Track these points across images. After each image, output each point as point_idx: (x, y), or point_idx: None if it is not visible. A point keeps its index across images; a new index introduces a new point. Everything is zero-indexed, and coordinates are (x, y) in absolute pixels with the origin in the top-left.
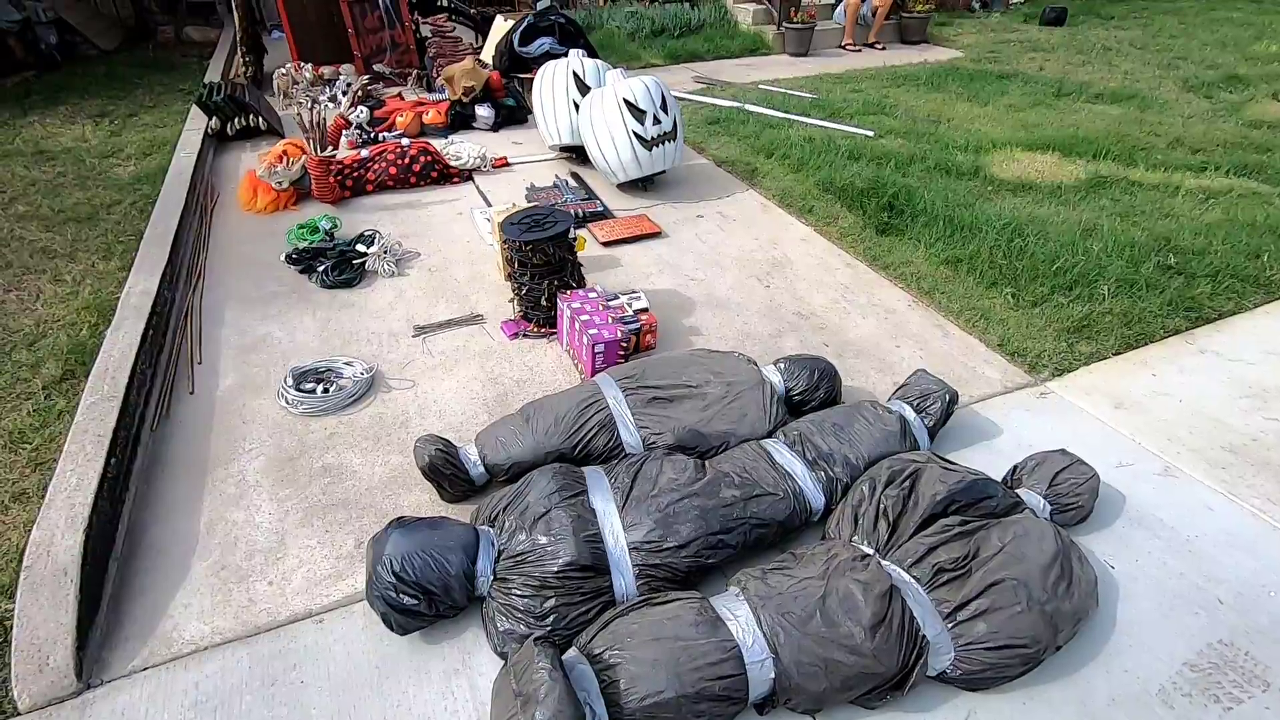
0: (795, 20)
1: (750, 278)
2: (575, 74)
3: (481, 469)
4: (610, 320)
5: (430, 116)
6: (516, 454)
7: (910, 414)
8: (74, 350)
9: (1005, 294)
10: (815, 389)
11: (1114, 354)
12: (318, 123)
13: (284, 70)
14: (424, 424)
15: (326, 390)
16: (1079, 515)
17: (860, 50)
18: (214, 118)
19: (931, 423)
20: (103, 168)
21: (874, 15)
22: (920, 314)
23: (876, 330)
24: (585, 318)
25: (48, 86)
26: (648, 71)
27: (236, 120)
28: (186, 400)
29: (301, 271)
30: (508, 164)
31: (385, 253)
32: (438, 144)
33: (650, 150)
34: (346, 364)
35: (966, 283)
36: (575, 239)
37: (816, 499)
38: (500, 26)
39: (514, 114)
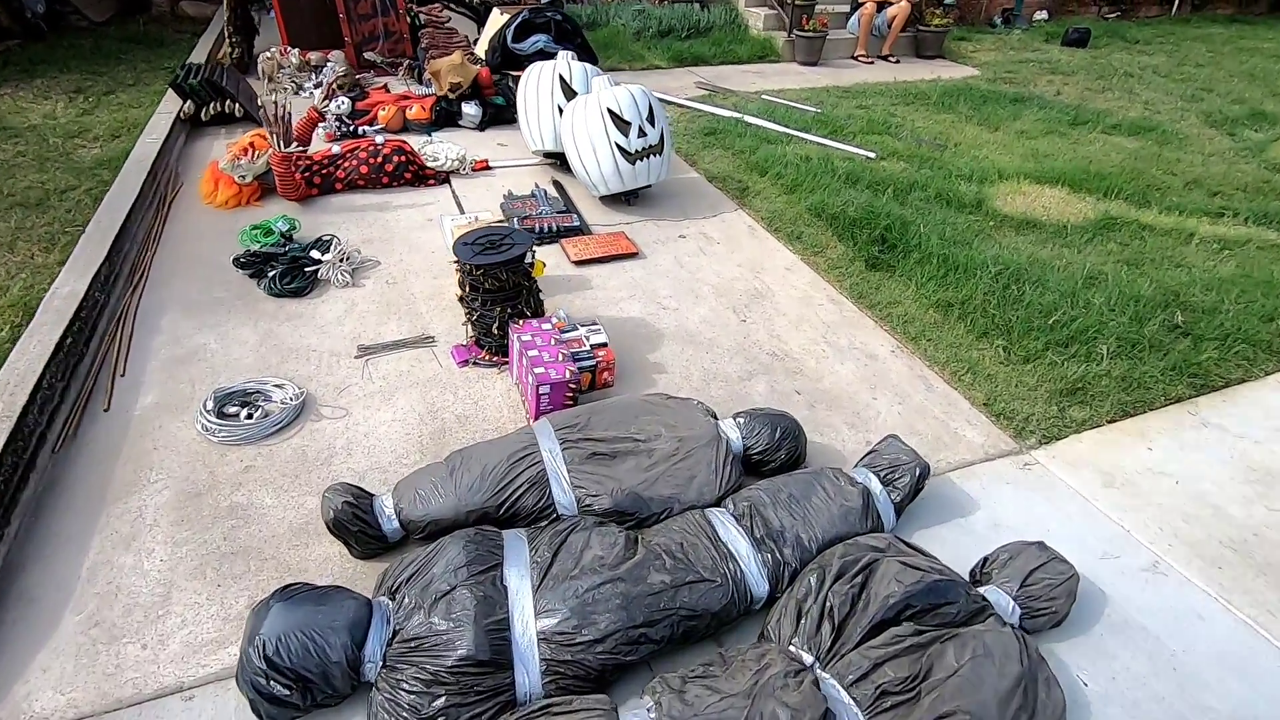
0: (806, 28)
1: (727, 309)
2: (561, 77)
3: (396, 524)
4: (561, 357)
5: (414, 112)
6: (435, 511)
7: (876, 486)
8: None
9: (996, 346)
10: (776, 449)
11: (1109, 421)
12: (282, 116)
13: (269, 54)
14: (349, 462)
15: (250, 416)
16: (1052, 620)
17: (873, 62)
18: (188, 101)
19: (899, 498)
20: (66, 149)
21: (889, 27)
22: (904, 362)
23: (855, 377)
24: (534, 353)
25: (28, 58)
26: (650, 74)
27: (212, 105)
28: (99, 419)
29: (251, 276)
30: (488, 167)
31: (341, 261)
32: (417, 142)
33: (634, 164)
34: (277, 386)
35: (956, 330)
36: (532, 264)
37: (759, 585)
38: (496, 20)
39: (502, 113)
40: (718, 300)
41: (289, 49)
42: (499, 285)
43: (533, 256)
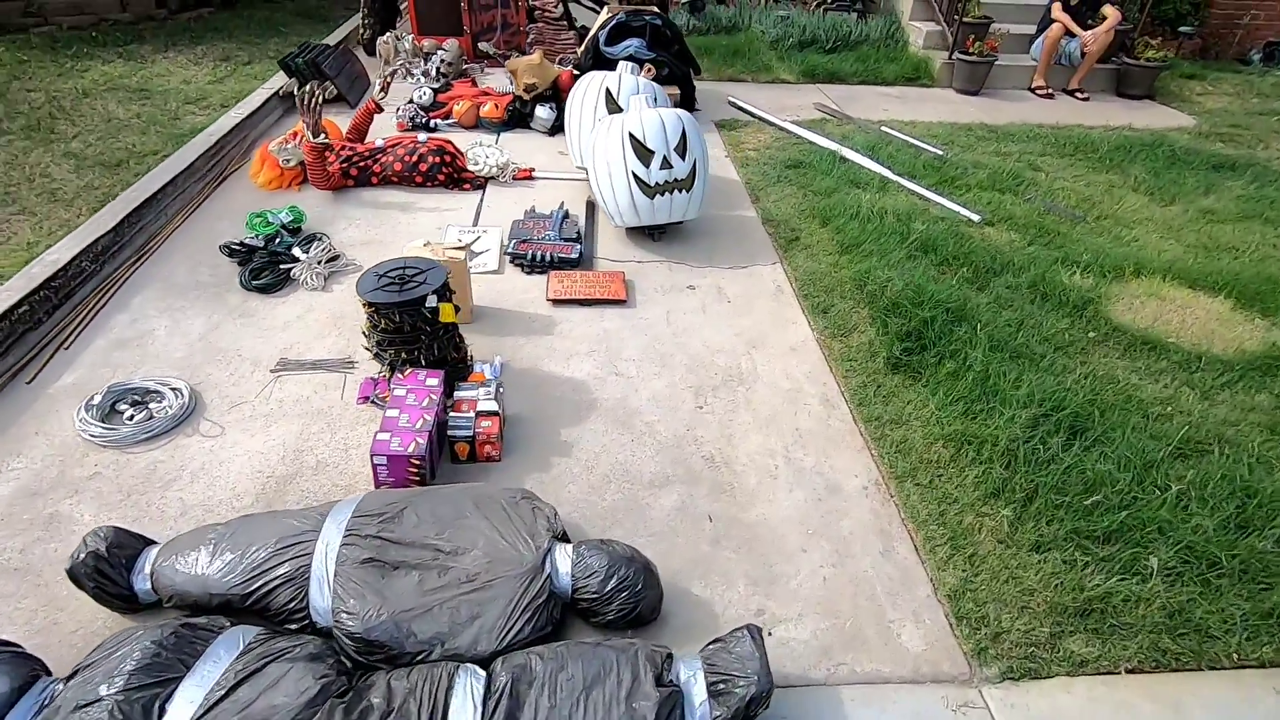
0: (971, 50)
1: (689, 389)
2: (609, 90)
3: (149, 586)
4: (421, 423)
5: (488, 109)
6: (182, 584)
7: (698, 693)
8: None
9: (1003, 513)
10: (608, 601)
11: (1128, 670)
12: (312, 106)
13: (386, 38)
14: (187, 491)
15: (132, 417)
16: None
17: (1052, 96)
18: (293, 78)
19: (721, 717)
20: (180, 114)
21: (1081, 55)
22: (872, 505)
23: (796, 514)
24: (394, 413)
25: (210, 25)
26: (772, 88)
27: (313, 85)
28: (19, 391)
29: (240, 265)
30: (531, 177)
31: (320, 262)
32: (469, 141)
33: (652, 199)
34: (174, 390)
35: (962, 477)
36: (436, 310)
37: None
38: (602, 19)
39: None
40: (686, 375)
41: (401, 34)
42: (394, 327)
43: (438, 301)
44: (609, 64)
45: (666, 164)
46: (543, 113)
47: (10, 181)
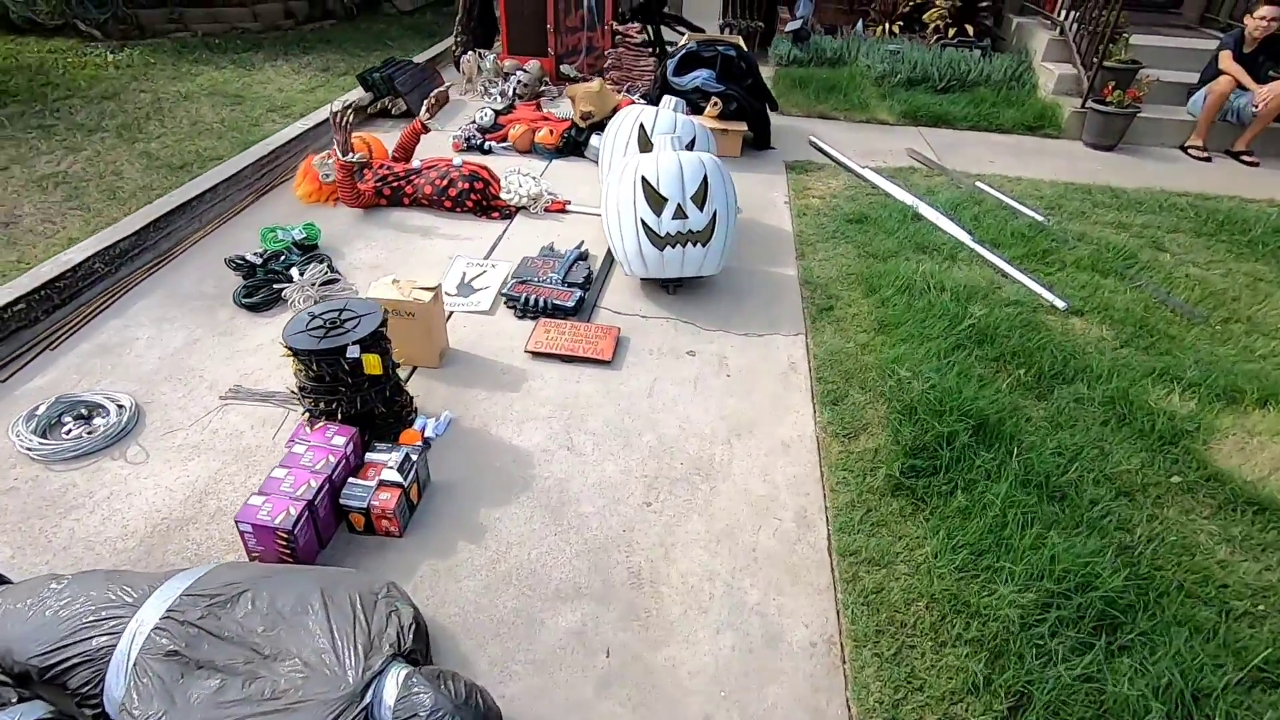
0: (1109, 99)
1: (642, 478)
2: (642, 126)
3: None
4: (304, 490)
5: (543, 134)
6: None
7: None
8: None
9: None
10: None
11: None
12: (343, 124)
13: (470, 56)
14: (86, 521)
15: (70, 432)
16: None
17: (1209, 159)
18: (370, 92)
19: None
20: (260, 121)
21: (1254, 113)
22: (814, 671)
23: (715, 665)
24: (281, 473)
25: (324, 37)
26: (867, 128)
27: (385, 101)
28: None
29: (244, 279)
30: (564, 210)
31: (312, 286)
32: (513, 166)
33: (661, 250)
34: (120, 406)
35: (939, 657)
36: (357, 361)
37: None
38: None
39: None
40: (646, 460)
41: (484, 53)
42: (315, 375)
43: (360, 352)
44: (676, 95)
45: (680, 213)
46: (597, 142)
47: (84, 177)
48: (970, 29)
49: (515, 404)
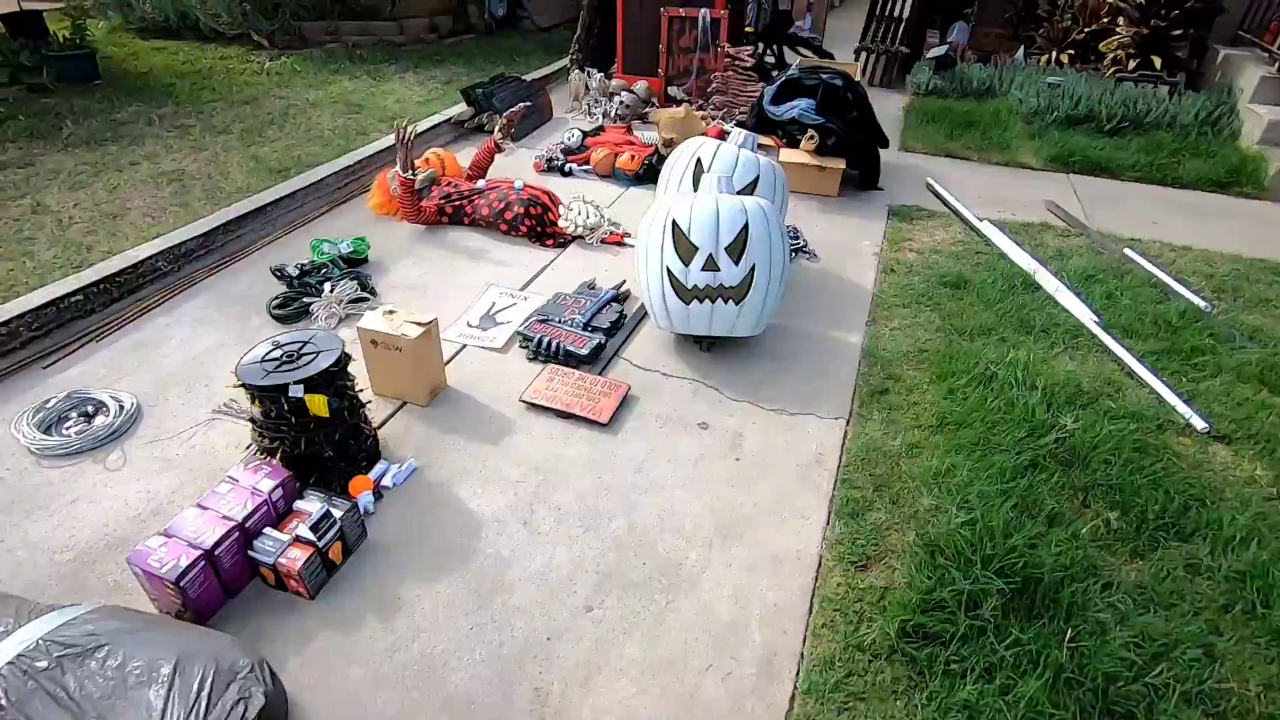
0: None
1: (594, 574)
2: (699, 160)
3: None
4: (206, 536)
5: (624, 159)
6: None
7: None
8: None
9: None
10: None
11: None
12: (405, 141)
13: (577, 74)
14: (38, 526)
15: (71, 428)
16: None
17: None
18: (472, 106)
19: None
20: (368, 130)
21: None
22: None
23: None
24: (192, 513)
25: (458, 50)
26: (1005, 172)
27: (483, 117)
28: (32, 376)
29: (288, 288)
30: (622, 243)
31: (339, 303)
32: (577, 193)
33: (687, 304)
34: (122, 406)
35: None
36: (300, 401)
37: None
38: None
39: None
40: (606, 553)
41: (591, 70)
42: (264, 411)
43: (304, 392)
44: (774, 125)
45: (712, 265)
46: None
47: (195, 176)
48: (1157, 61)
49: (489, 460)
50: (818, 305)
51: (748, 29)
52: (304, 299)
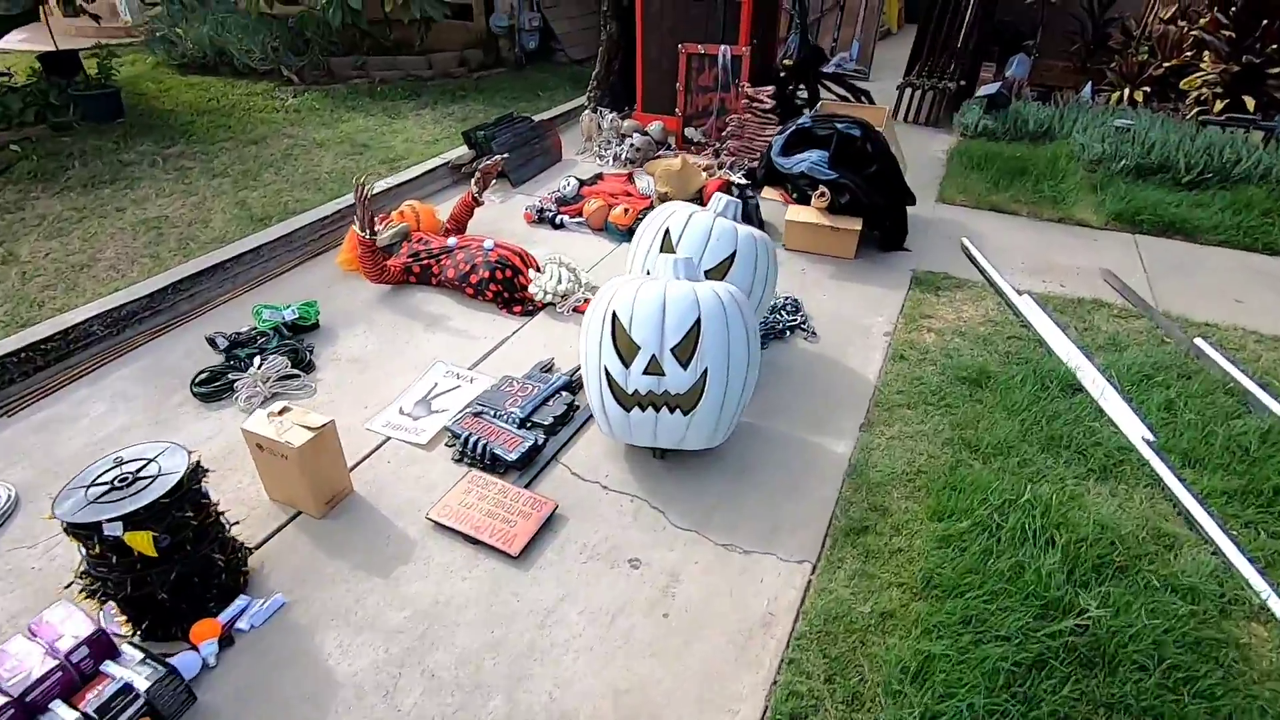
0: None
1: None
2: (668, 230)
3: None
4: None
5: (617, 213)
6: None
7: None
8: None
9: None
10: None
11: None
12: (363, 198)
13: (588, 114)
14: None
15: None
16: None
17: None
18: (473, 149)
19: None
20: (363, 172)
21: None
22: None
23: None
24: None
25: (483, 85)
26: (1057, 230)
27: (482, 160)
28: None
29: (225, 358)
30: None
31: (264, 381)
32: (554, 253)
33: (628, 411)
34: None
35: None
36: (117, 539)
37: None
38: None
39: None
40: (466, 711)
41: (603, 110)
42: (89, 550)
43: (124, 530)
44: (783, 178)
45: (655, 368)
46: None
47: (176, 223)
48: (1250, 102)
49: (370, 597)
50: (805, 399)
51: (785, 61)
52: (231, 374)
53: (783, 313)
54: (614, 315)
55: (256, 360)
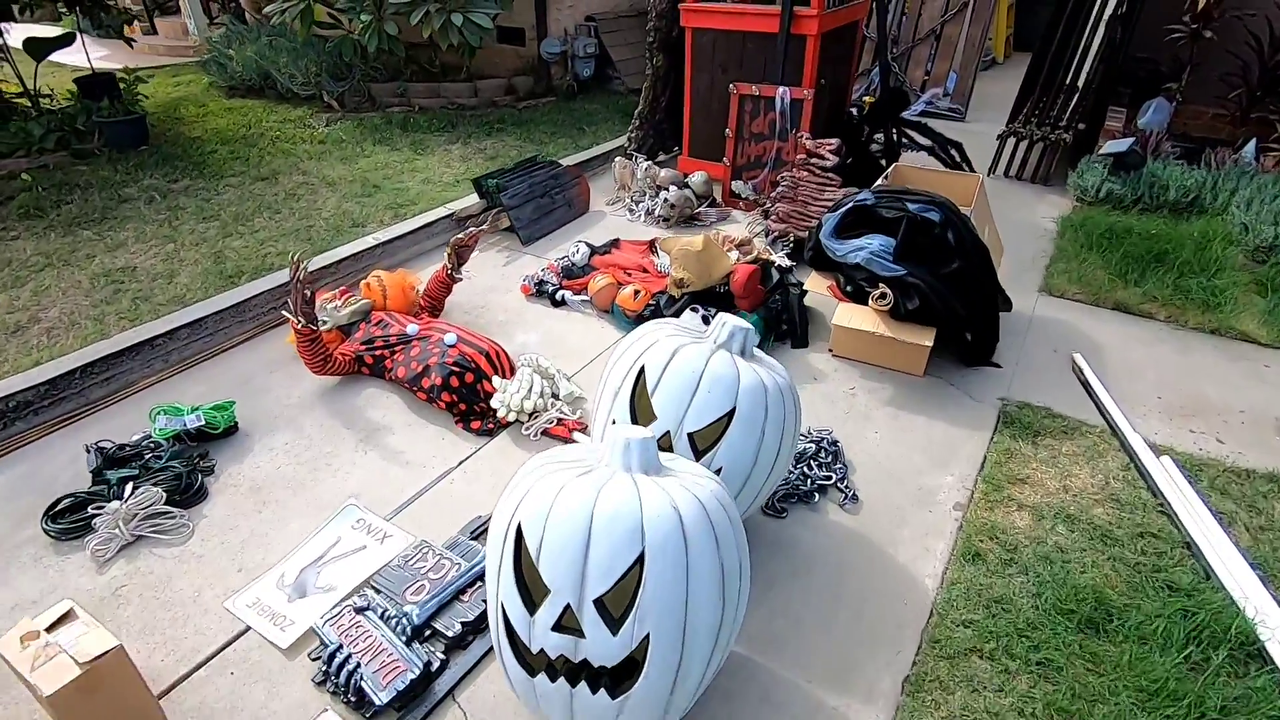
0: None
1: None
2: (643, 369)
3: None
4: None
5: (625, 295)
6: None
7: None
8: None
9: None
10: None
11: None
12: (298, 280)
13: (622, 161)
14: None
15: None
16: None
17: None
18: (484, 199)
19: None
20: (366, 221)
21: None
22: None
23: None
24: None
25: (526, 116)
26: (1210, 345)
27: (492, 214)
28: None
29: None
30: (570, 438)
31: (128, 520)
32: (530, 353)
33: (533, 676)
34: None
35: None
36: None
37: None
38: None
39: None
40: None
41: (639, 157)
42: None
43: None
44: (834, 266)
45: (571, 622)
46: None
47: (140, 276)
48: None
49: None
50: (827, 619)
51: (866, 99)
52: (88, 509)
53: (813, 463)
54: (519, 530)
55: (128, 488)
